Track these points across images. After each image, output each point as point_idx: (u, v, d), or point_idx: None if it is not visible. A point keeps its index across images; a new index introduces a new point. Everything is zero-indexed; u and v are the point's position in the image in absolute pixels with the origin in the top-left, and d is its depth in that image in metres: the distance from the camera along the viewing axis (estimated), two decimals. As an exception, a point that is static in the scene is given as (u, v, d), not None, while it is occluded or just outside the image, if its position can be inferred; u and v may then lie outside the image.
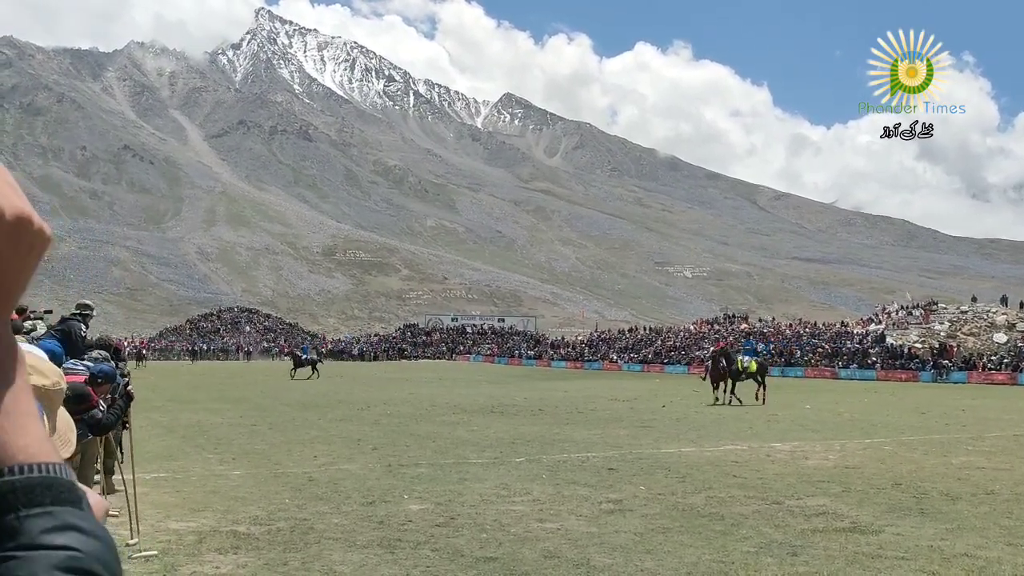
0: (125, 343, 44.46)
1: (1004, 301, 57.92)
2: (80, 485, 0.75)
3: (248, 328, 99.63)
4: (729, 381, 25.03)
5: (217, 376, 43.96)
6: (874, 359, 49.45)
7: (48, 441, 0.75)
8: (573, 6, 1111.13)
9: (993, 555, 6.81)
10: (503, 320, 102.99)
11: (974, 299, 61.46)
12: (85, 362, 7.17)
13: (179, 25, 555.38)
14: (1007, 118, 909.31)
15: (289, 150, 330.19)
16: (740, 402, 24.26)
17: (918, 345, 49.88)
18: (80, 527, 0.69)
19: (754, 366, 25.69)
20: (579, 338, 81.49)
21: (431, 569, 6.43)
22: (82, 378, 6.68)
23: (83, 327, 8.72)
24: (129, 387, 7.54)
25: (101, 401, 6.79)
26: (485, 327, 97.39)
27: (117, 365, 9.13)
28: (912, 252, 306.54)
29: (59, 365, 5.54)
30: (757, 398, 24.89)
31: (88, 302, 10.25)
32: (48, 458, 0.72)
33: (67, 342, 7.89)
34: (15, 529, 0.67)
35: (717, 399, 24.73)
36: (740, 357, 26.16)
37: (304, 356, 40.45)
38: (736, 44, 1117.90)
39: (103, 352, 7.98)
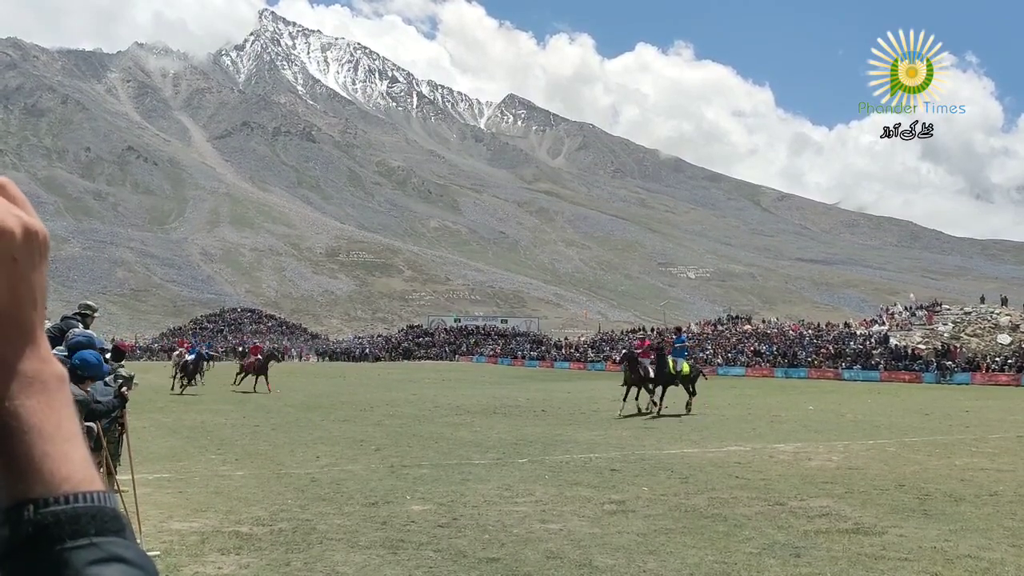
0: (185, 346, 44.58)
1: (1004, 302, 57.78)
2: (123, 512, 0.75)
3: (251, 329, 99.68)
4: (660, 387, 21.78)
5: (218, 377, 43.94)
6: (877, 360, 49.36)
7: (91, 467, 0.74)
8: (574, 6, 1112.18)
9: (996, 556, 6.79)
10: (506, 321, 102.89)
11: (982, 299, 61.20)
12: (60, 348, 7.16)
13: (180, 24, 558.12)
14: (1011, 118, 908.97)
15: (292, 151, 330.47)
16: (640, 411, 21.16)
17: (921, 346, 49.77)
18: (125, 558, 0.70)
19: (687, 368, 22.18)
20: (582, 339, 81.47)
21: (434, 570, 6.43)
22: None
23: (79, 328, 8.70)
24: (124, 389, 7.49)
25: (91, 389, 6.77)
26: (488, 328, 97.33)
27: (113, 366, 9.14)
28: (915, 253, 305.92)
29: None
30: (688, 409, 21.63)
31: (91, 303, 10.21)
32: (92, 486, 0.72)
33: (59, 341, 7.91)
34: (61, 562, 0.67)
35: (622, 410, 21.08)
36: (670, 358, 22.00)
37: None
38: (737, 44, 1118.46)
39: (68, 322, 7.96)
